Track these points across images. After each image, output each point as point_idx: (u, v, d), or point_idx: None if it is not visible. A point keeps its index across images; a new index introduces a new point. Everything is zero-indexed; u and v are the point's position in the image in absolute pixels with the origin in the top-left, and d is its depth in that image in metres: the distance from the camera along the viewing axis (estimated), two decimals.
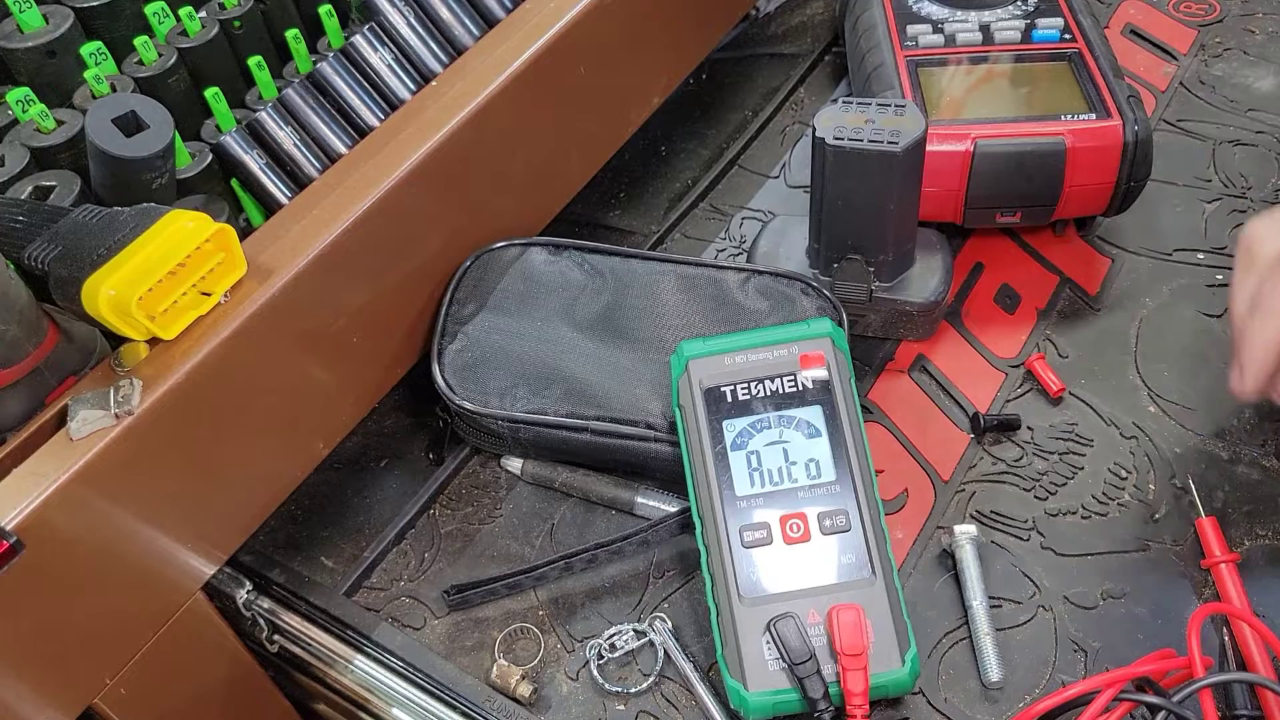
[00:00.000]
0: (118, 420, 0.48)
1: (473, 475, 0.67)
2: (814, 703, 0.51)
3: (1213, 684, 0.49)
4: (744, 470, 0.56)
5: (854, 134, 0.62)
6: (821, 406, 0.57)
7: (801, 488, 0.55)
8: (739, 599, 0.53)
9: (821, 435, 0.57)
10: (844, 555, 0.54)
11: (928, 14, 0.80)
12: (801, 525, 0.55)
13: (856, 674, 0.51)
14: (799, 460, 0.56)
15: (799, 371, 0.58)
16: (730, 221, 0.81)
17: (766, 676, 0.52)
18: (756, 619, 0.53)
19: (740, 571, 0.54)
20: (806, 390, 0.57)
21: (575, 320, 0.65)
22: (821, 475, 0.56)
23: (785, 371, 0.58)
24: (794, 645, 0.51)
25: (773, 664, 0.52)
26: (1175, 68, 0.87)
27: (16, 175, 0.56)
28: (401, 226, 0.60)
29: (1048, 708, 0.50)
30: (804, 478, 0.56)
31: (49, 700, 0.50)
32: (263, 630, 0.61)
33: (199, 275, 0.51)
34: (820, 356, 0.58)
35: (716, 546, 0.55)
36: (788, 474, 0.56)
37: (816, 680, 0.51)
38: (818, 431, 0.57)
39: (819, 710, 0.51)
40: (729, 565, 0.54)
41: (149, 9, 0.64)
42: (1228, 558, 0.57)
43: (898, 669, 0.52)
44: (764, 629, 0.52)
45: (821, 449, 0.56)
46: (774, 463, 0.56)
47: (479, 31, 0.69)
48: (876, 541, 0.54)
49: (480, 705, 0.56)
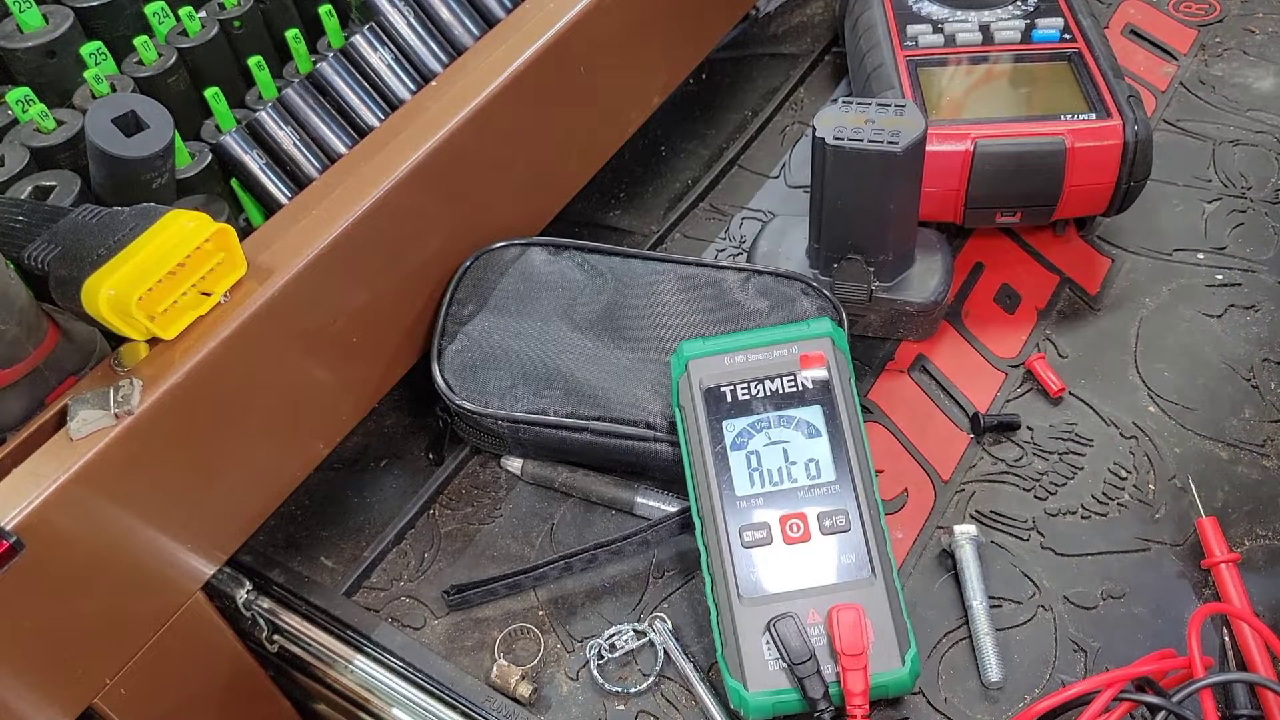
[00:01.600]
0: (117, 420, 0.48)
1: (472, 475, 0.67)
2: (814, 703, 0.51)
3: (1212, 684, 0.49)
4: (744, 470, 0.56)
5: (854, 134, 0.62)
6: (821, 406, 0.57)
7: (801, 488, 0.55)
8: (739, 599, 0.53)
9: (821, 435, 0.57)
10: (844, 555, 0.54)
11: (927, 14, 0.80)
12: (801, 525, 0.55)
13: (856, 674, 0.51)
14: (799, 460, 0.56)
15: (799, 371, 0.58)
16: (730, 221, 0.81)
17: (766, 676, 0.52)
18: (756, 619, 0.53)
19: (740, 571, 0.54)
20: (806, 390, 0.57)
21: (575, 320, 0.65)
22: (821, 475, 0.56)
23: (785, 371, 0.58)
24: (794, 645, 0.51)
25: (773, 664, 0.52)
26: (1175, 68, 0.87)
27: (16, 175, 0.56)
28: (401, 226, 0.60)
29: (1047, 708, 0.50)
30: (804, 478, 0.56)
31: (49, 700, 0.50)
32: (263, 630, 0.61)
33: (199, 275, 0.51)
34: (820, 356, 0.58)
35: (716, 546, 0.55)
36: (787, 474, 0.56)
37: (816, 680, 0.51)
38: (818, 431, 0.57)
39: (819, 710, 0.51)
40: (729, 565, 0.54)
41: (149, 9, 0.64)
42: (1228, 558, 0.57)
43: (898, 669, 0.52)
44: (764, 629, 0.52)
45: (821, 449, 0.56)
46: (774, 463, 0.56)
47: (479, 31, 0.69)
48: (876, 541, 0.54)
49: (480, 705, 0.56)
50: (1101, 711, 0.49)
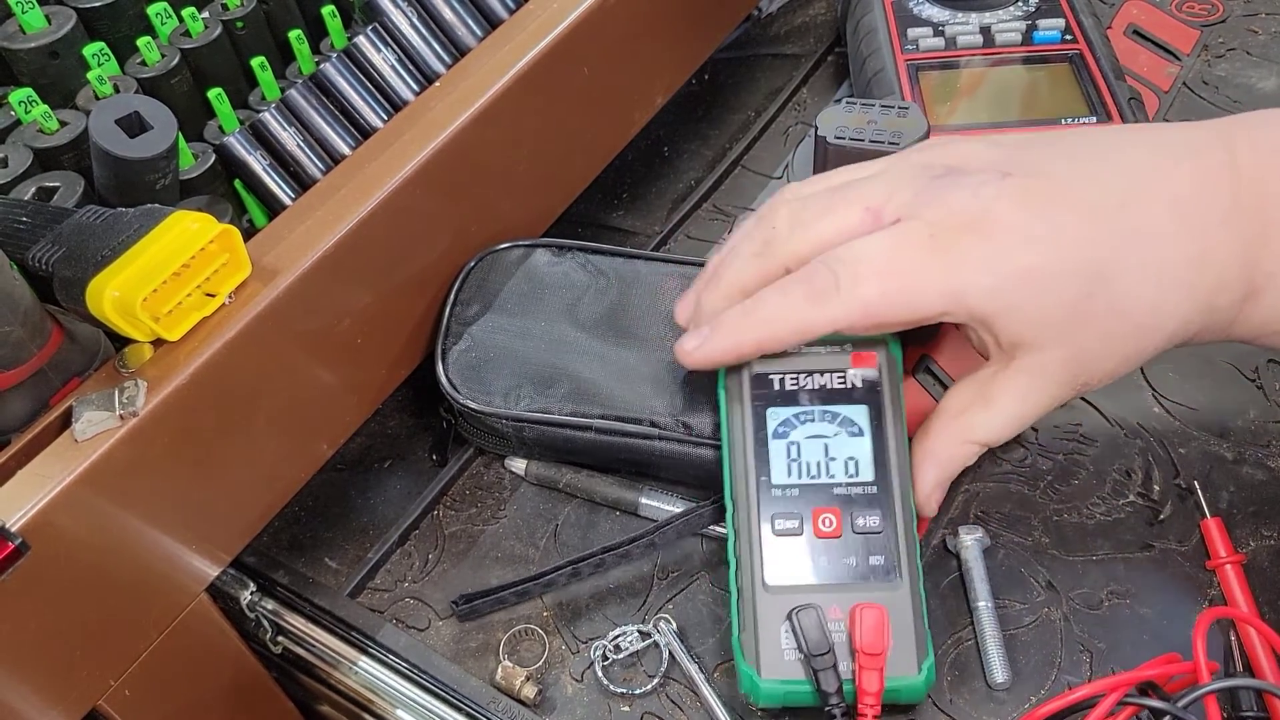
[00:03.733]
0: (122, 422, 0.48)
1: (476, 476, 0.67)
2: (826, 696, 0.51)
3: (1217, 690, 0.49)
4: (783, 460, 0.56)
5: (855, 134, 0.62)
6: (868, 406, 0.57)
7: (838, 484, 0.55)
8: (763, 586, 0.53)
9: (864, 435, 0.56)
10: (873, 557, 0.54)
11: (928, 16, 0.80)
12: (834, 520, 0.54)
13: (873, 674, 0.50)
14: (839, 457, 0.56)
15: (849, 369, 0.57)
16: (733, 222, 0.81)
17: (782, 666, 0.52)
18: (778, 607, 0.52)
19: (768, 559, 0.54)
20: (855, 389, 0.57)
21: (579, 320, 0.65)
22: (860, 474, 0.55)
23: (836, 367, 0.57)
24: (814, 637, 0.51)
25: (789, 654, 0.52)
26: (1178, 68, 0.87)
27: (20, 176, 0.56)
28: (406, 227, 0.60)
29: (1051, 711, 0.50)
30: (842, 474, 0.55)
31: (53, 702, 0.50)
32: (267, 632, 0.61)
33: (203, 276, 0.51)
34: (873, 357, 0.58)
35: (747, 532, 0.54)
36: (826, 469, 0.55)
37: (831, 675, 0.51)
38: (861, 431, 0.56)
39: (830, 705, 0.51)
40: (757, 551, 0.54)
41: (152, 9, 0.64)
42: (1233, 559, 0.57)
43: (913, 676, 0.51)
44: (785, 618, 0.52)
45: (863, 448, 0.56)
46: (813, 456, 0.56)
47: (482, 32, 0.69)
48: (907, 548, 0.54)
49: (485, 707, 0.55)
50: (1105, 716, 0.49)
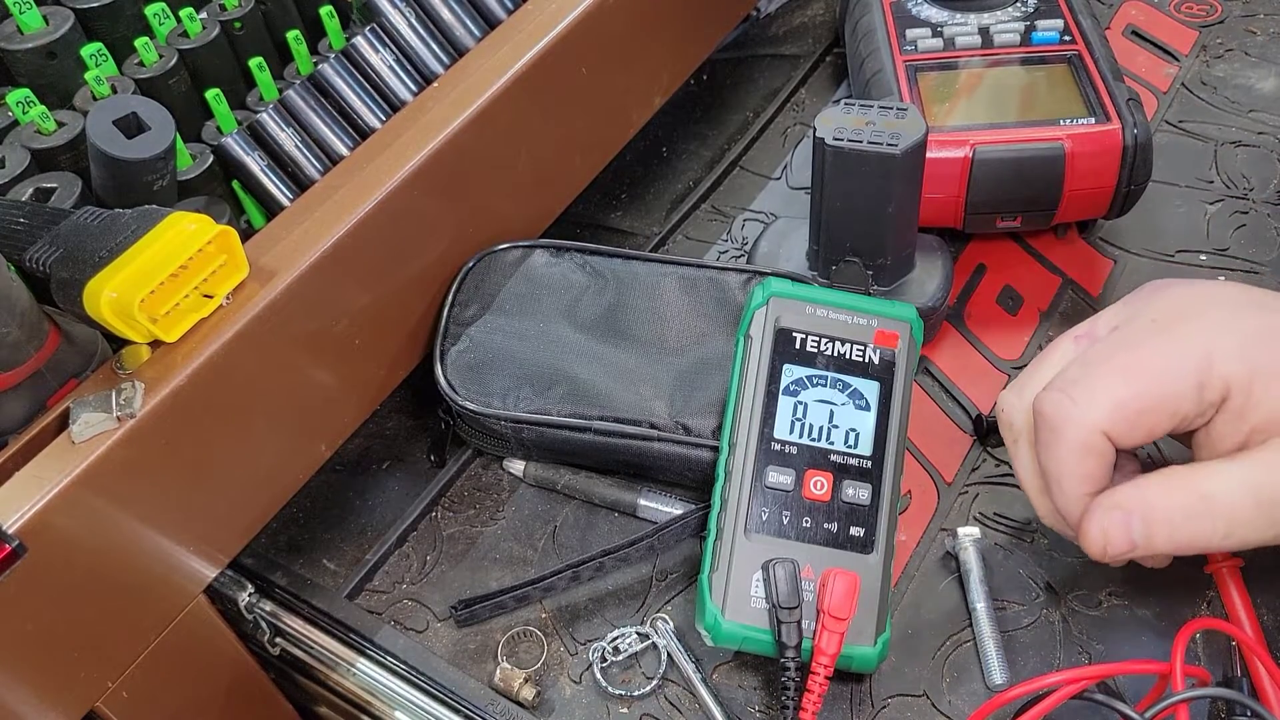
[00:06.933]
0: (120, 423, 0.48)
1: (474, 478, 0.67)
2: (784, 648, 0.52)
3: (1189, 699, 0.48)
4: (788, 416, 0.57)
5: (854, 135, 0.62)
6: (880, 384, 0.58)
7: (835, 451, 0.57)
8: (744, 531, 0.55)
9: (870, 410, 0.58)
10: (854, 527, 0.55)
11: (927, 17, 0.80)
12: (825, 484, 0.56)
13: (834, 637, 0.52)
14: (841, 425, 0.57)
15: (870, 344, 0.59)
16: (732, 223, 0.81)
17: (747, 612, 0.53)
18: (755, 555, 0.54)
19: (755, 507, 0.55)
20: (871, 364, 0.59)
21: (578, 321, 0.65)
22: (858, 447, 0.57)
23: (858, 339, 0.59)
24: (785, 590, 0.53)
25: (756, 602, 0.53)
26: (1177, 68, 0.87)
27: (17, 177, 0.56)
28: (404, 228, 0.60)
29: (1020, 694, 0.50)
30: (841, 443, 0.57)
31: (51, 704, 0.50)
32: (264, 633, 0.61)
33: (201, 277, 0.51)
34: (895, 336, 0.59)
35: (738, 477, 0.56)
36: (826, 434, 0.57)
37: (794, 629, 0.52)
38: (867, 406, 0.58)
39: (785, 657, 0.52)
40: (744, 496, 0.55)
41: (149, 10, 0.64)
42: (1231, 562, 0.57)
43: (868, 647, 0.53)
44: (759, 567, 0.54)
45: (866, 423, 0.58)
46: (818, 419, 0.57)
47: (480, 33, 0.69)
48: (887, 527, 0.56)
49: (483, 708, 0.55)
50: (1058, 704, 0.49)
